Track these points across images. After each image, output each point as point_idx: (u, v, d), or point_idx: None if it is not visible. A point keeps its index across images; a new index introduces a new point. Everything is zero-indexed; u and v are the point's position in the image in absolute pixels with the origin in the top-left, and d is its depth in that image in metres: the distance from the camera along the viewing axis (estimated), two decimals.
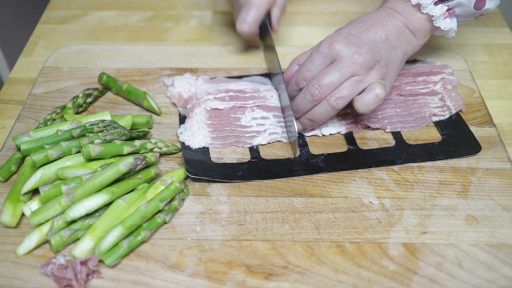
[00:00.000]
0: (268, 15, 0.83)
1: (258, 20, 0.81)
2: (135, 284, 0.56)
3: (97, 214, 0.61)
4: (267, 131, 0.73)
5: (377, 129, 0.75)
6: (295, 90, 0.73)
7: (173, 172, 0.67)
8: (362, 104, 0.69)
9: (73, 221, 0.60)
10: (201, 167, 0.68)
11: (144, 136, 0.72)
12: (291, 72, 0.78)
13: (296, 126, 0.69)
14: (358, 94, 0.69)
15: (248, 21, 0.80)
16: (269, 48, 0.83)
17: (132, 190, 0.64)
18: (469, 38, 0.92)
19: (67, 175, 0.63)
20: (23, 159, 0.69)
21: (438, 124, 0.75)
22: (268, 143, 0.73)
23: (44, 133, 0.69)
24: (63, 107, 0.75)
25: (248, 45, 0.90)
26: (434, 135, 0.74)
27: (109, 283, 0.57)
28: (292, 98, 0.73)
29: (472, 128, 0.74)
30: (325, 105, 0.69)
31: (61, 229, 0.59)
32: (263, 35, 0.85)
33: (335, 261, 0.59)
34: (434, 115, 0.76)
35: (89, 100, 0.77)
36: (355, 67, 0.68)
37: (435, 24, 0.72)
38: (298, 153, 0.70)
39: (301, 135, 0.73)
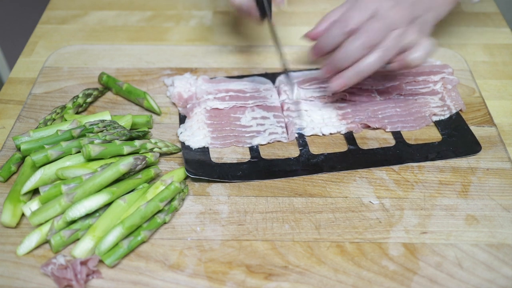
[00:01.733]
0: None
1: None
2: (135, 284, 0.56)
3: (97, 214, 0.61)
4: (267, 131, 0.73)
5: (377, 129, 0.75)
6: (338, 35, 0.71)
7: (173, 172, 0.67)
8: (415, 58, 0.70)
9: (73, 221, 0.60)
10: (201, 167, 0.68)
11: (144, 136, 0.71)
12: (324, 26, 0.75)
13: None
14: (405, 52, 0.70)
15: None
16: (272, 33, 0.77)
17: (132, 190, 0.64)
18: (469, 38, 0.92)
19: (67, 175, 0.63)
20: (23, 159, 0.69)
21: (438, 123, 0.75)
22: (268, 143, 0.73)
23: (44, 133, 0.69)
24: (63, 107, 0.75)
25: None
26: (434, 135, 0.74)
27: (109, 283, 0.57)
28: (326, 48, 0.72)
29: (472, 128, 0.74)
30: (374, 56, 0.69)
31: (61, 229, 0.59)
32: (263, 14, 0.76)
33: (335, 261, 0.59)
34: (434, 114, 0.76)
35: (89, 100, 0.77)
36: (398, 21, 0.69)
37: None
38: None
39: (301, 135, 0.73)
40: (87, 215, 0.60)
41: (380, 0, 0.70)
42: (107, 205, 0.62)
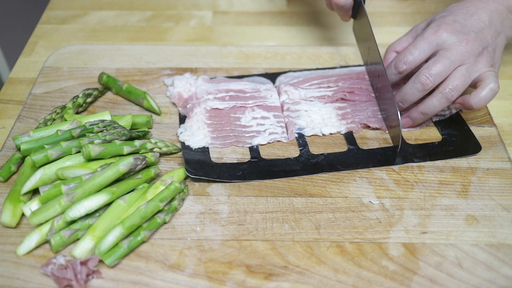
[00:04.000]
0: None
1: None
2: (135, 284, 0.56)
3: (97, 214, 0.61)
4: (267, 131, 0.73)
5: (377, 129, 0.75)
6: (393, 74, 0.71)
7: (173, 172, 0.67)
8: (479, 101, 0.67)
9: (73, 221, 0.60)
10: (201, 167, 0.68)
11: (144, 136, 0.71)
12: (390, 59, 0.75)
13: (399, 116, 0.67)
14: (472, 88, 0.68)
15: None
16: (363, 29, 0.80)
17: (132, 190, 0.64)
18: None
19: (67, 175, 0.63)
20: (23, 159, 0.69)
21: (438, 123, 0.75)
22: (268, 143, 0.73)
23: (44, 133, 0.69)
24: (63, 107, 0.75)
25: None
26: (434, 135, 0.74)
27: (109, 283, 0.57)
28: (390, 82, 0.71)
29: (472, 128, 0.74)
30: (439, 97, 0.68)
31: (61, 229, 0.59)
32: (355, 13, 0.81)
33: (335, 261, 0.59)
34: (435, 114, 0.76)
35: (89, 100, 0.77)
36: (464, 55, 0.67)
37: None
38: (399, 141, 0.68)
39: (301, 135, 0.73)
40: (87, 215, 0.60)
41: (443, 33, 0.68)
42: (107, 205, 0.62)
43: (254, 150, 0.72)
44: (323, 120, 0.75)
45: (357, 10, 0.81)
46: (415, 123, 0.72)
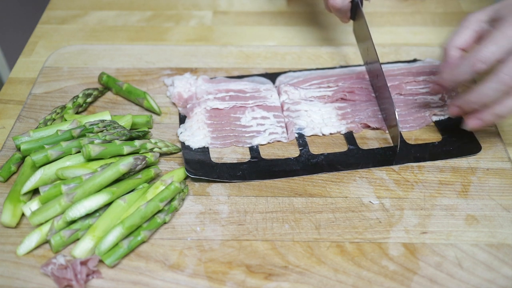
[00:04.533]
0: None
1: None
2: (135, 284, 0.56)
3: (97, 214, 0.61)
4: (267, 131, 0.73)
5: (377, 129, 0.75)
6: (465, 73, 0.64)
7: (173, 172, 0.67)
8: None
9: (73, 221, 0.60)
10: (201, 167, 0.68)
11: (144, 136, 0.71)
12: (454, 58, 0.68)
13: (396, 116, 0.65)
14: None
15: None
16: (361, 29, 0.80)
17: (132, 190, 0.64)
18: None
19: (67, 175, 0.63)
20: (23, 159, 0.69)
21: (438, 123, 0.75)
22: (268, 143, 0.73)
23: (44, 133, 0.69)
24: (63, 107, 0.75)
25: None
26: (434, 135, 0.74)
27: (109, 283, 0.57)
28: (460, 81, 0.66)
29: None
30: None
31: (61, 229, 0.59)
32: (354, 15, 0.82)
33: (335, 261, 0.59)
34: (434, 114, 0.76)
35: (89, 100, 0.77)
36: None
37: None
38: (398, 141, 0.68)
39: (301, 135, 0.73)
40: (87, 215, 0.60)
41: None
42: (107, 205, 0.62)
43: (254, 150, 0.72)
44: (323, 120, 0.75)
45: (355, 12, 0.81)
46: (486, 124, 0.67)
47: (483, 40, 0.64)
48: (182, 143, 0.72)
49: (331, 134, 0.74)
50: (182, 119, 0.76)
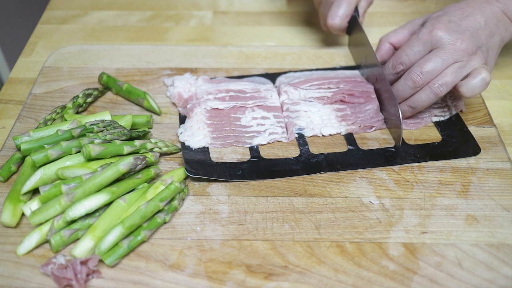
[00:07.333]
0: (355, 8, 0.83)
1: (349, 14, 0.82)
2: (135, 284, 0.56)
3: (97, 214, 0.61)
4: (267, 131, 0.73)
5: (377, 129, 0.75)
6: (391, 74, 0.74)
7: (173, 172, 0.67)
8: (468, 89, 0.68)
9: (73, 221, 0.60)
10: (201, 167, 0.68)
11: (144, 136, 0.72)
12: (383, 50, 0.79)
13: (400, 117, 0.69)
14: (462, 80, 0.69)
15: (340, 15, 0.81)
16: (359, 41, 0.83)
17: (132, 190, 0.64)
18: None
19: (67, 175, 0.63)
20: (23, 159, 0.69)
21: (438, 124, 0.75)
22: (268, 143, 0.73)
23: (44, 133, 0.69)
24: (63, 107, 0.75)
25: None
26: (434, 135, 0.74)
27: (109, 283, 0.57)
28: (389, 82, 0.74)
29: (472, 128, 0.74)
30: (428, 92, 0.70)
31: (61, 229, 0.59)
32: (350, 30, 0.85)
33: (335, 261, 0.59)
34: (434, 115, 0.76)
35: (89, 100, 0.77)
36: (458, 54, 0.69)
37: None
38: (400, 142, 0.71)
39: (301, 135, 0.73)
40: (87, 215, 0.60)
41: (438, 32, 0.69)
42: (107, 205, 0.62)
43: (254, 150, 0.72)
44: (322, 121, 0.75)
45: (352, 26, 0.84)
46: (404, 116, 0.73)
47: (404, 43, 0.74)
48: (182, 143, 0.72)
49: (331, 135, 0.74)
50: (182, 119, 0.76)
